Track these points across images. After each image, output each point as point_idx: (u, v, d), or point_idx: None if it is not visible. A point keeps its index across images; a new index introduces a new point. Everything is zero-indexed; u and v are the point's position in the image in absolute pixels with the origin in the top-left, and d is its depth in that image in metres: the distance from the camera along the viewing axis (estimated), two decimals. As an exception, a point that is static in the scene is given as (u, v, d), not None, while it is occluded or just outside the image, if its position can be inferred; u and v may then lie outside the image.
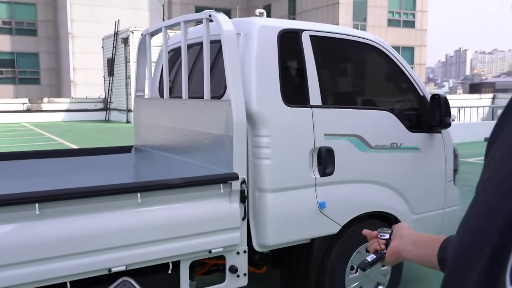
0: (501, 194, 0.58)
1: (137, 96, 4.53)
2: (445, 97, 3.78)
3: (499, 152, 0.64)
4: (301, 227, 3.29)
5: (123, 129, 20.66)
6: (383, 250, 1.29)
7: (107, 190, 2.63)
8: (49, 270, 2.42)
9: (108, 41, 26.88)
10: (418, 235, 1.24)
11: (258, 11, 3.89)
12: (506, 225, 0.55)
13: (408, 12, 35.94)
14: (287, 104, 3.21)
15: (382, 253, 1.29)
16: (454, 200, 4.17)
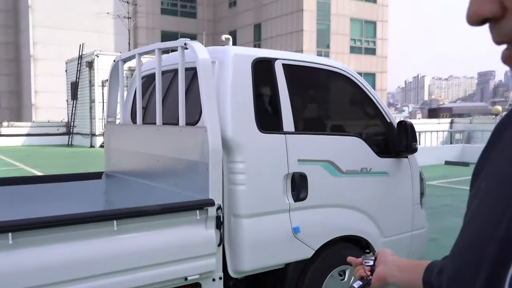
0: (491, 222, 0.63)
1: (108, 122, 4.50)
2: (411, 123, 3.94)
3: (485, 183, 0.70)
4: (276, 252, 3.32)
5: (87, 154, 20.27)
6: (369, 276, 1.34)
7: (83, 218, 2.60)
8: (21, 301, 2.36)
9: (72, 64, 26.56)
10: (401, 260, 1.28)
11: (224, 36, 3.98)
12: (499, 252, 0.60)
13: (369, 40, 37.18)
14: (262, 131, 3.28)
15: (368, 280, 1.34)
16: (422, 223, 4.31)
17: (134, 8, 36.48)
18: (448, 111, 60.24)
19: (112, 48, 34.75)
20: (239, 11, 40.20)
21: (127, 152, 4.17)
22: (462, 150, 17.72)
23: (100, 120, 23.87)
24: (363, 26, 36.77)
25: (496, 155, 0.70)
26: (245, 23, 39.58)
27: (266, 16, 37.26)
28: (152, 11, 40.13)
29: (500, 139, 0.72)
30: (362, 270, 1.36)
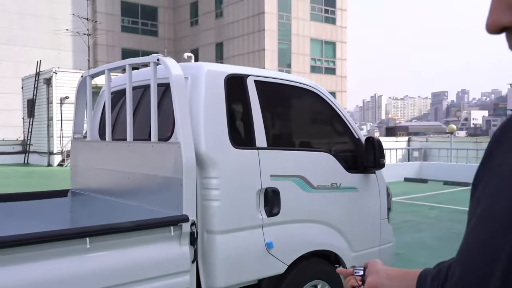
0: (503, 223, 0.67)
1: (75, 138, 4.40)
2: (379, 139, 4.05)
3: (493, 184, 0.73)
4: (250, 268, 3.31)
5: (45, 173, 19.63)
6: (360, 286, 1.36)
7: (55, 236, 2.52)
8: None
9: (29, 81, 25.84)
10: (392, 269, 1.31)
11: (187, 55, 3.98)
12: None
13: (329, 60, 38.04)
14: (235, 146, 3.29)
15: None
16: (389, 237, 4.40)
17: (94, 25, 36.00)
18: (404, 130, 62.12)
19: (71, 65, 34.05)
20: (201, 30, 40.35)
21: (95, 169, 4.09)
22: (420, 167, 18.25)
23: (58, 138, 23.24)
24: (323, 46, 37.62)
25: (502, 155, 0.74)
26: (207, 41, 39.74)
27: (228, 35, 37.57)
28: (112, 29, 39.70)
29: (500, 145, 0.76)
30: (353, 280, 1.38)
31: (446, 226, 9.11)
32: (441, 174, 16.94)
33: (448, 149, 21.35)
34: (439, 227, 9.07)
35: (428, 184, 16.23)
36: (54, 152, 23.44)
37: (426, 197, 13.23)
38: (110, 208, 3.74)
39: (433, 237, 8.10)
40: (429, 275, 1.12)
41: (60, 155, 23.48)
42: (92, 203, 4.05)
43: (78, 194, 4.28)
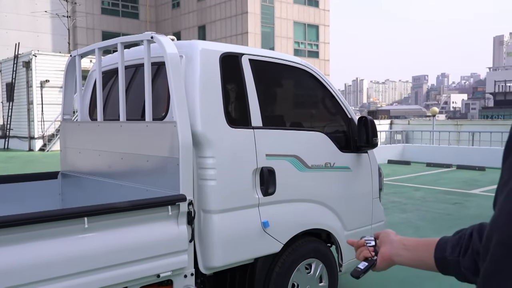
0: None
1: (64, 119, 4.32)
2: (372, 119, 4.07)
3: None
4: (246, 247, 3.32)
5: (26, 158, 19.32)
6: (374, 256, 1.32)
7: (52, 216, 2.48)
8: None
9: (7, 64, 25.26)
10: (408, 239, 1.27)
11: (169, 37, 3.93)
12: None
13: (312, 43, 37.96)
14: (231, 126, 3.27)
15: (373, 260, 1.32)
16: (380, 216, 4.45)
17: (73, 7, 35.22)
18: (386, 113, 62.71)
19: (50, 48, 33.35)
20: (183, 13, 39.82)
21: (86, 150, 4.02)
22: (403, 150, 18.46)
23: (39, 122, 22.85)
24: (306, 30, 37.50)
25: None
26: (189, 24, 39.26)
27: (210, 18, 37.16)
28: (92, 11, 38.91)
29: None
30: (366, 251, 1.35)
31: (430, 206, 9.27)
32: (423, 156, 17.17)
33: (431, 132, 21.61)
34: (424, 207, 9.22)
35: (411, 166, 16.45)
36: (35, 137, 23.06)
37: (410, 178, 13.41)
38: (103, 189, 3.69)
39: (419, 217, 8.23)
40: (448, 243, 1.11)
41: (42, 139, 23.11)
42: (84, 185, 3.99)
43: (68, 176, 4.21)
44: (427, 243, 1.19)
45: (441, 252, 1.12)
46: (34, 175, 4.30)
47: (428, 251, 1.16)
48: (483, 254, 0.80)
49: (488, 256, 0.75)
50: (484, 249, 0.79)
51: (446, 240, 1.14)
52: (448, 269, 1.11)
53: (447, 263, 1.10)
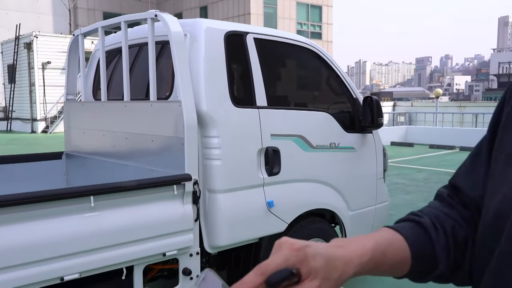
0: None
1: (68, 100, 4.30)
2: (377, 99, 4.04)
3: None
4: (251, 227, 3.33)
5: (29, 140, 19.35)
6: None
7: (59, 194, 2.48)
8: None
9: (8, 46, 25.10)
10: (352, 253, 0.76)
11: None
12: None
13: (315, 24, 37.61)
14: (235, 105, 3.25)
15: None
16: (385, 196, 4.45)
17: (74, -12, 34.87)
18: (389, 95, 62.46)
19: (51, 29, 33.12)
20: (185, -7, 39.40)
21: (91, 130, 4.01)
22: (406, 131, 18.43)
23: (41, 104, 22.82)
24: (309, 10, 37.10)
25: None
26: (190, 5, 38.88)
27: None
28: (93, -9, 38.50)
29: None
30: None
31: (433, 188, 9.27)
32: (426, 138, 17.14)
33: (434, 113, 21.53)
34: (427, 188, 9.23)
35: (415, 148, 16.43)
36: (37, 119, 23.05)
37: (413, 160, 13.41)
38: (108, 169, 3.69)
39: (422, 199, 8.25)
40: (420, 234, 0.85)
41: (44, 121, 23.11)
42: (88, 165, 3.99)
43: (73, 156, 4.21)
44: (380, 245, 0.80)
45: (421, 245, 0.84)
46: (39, 155, 4.30)
47: (395, 253, 0.82)
48: (490, 237, 0.76)
49: (503, 236, 0.70)
50: (492, 231, 0.73)
51: (411, 233, 0.85)
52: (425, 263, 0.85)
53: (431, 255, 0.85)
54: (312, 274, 0.67)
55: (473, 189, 0.86)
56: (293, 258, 0.66)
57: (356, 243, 0.76)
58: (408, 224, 0.86)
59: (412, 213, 0.89)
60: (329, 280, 0.69)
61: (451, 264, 0.83)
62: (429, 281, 0.87)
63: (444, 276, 0.84)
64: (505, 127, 0.80)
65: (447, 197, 0.90)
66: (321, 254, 0.69)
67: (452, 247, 0.83)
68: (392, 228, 0.84)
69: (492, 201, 0.75)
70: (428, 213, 0.88)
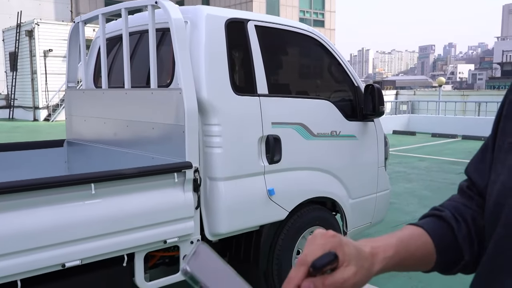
0: None
1: (69, 87, 4.29)
2: (379, 87, 4.02)
3: None
4: (252, 214, 3.34)
5: (31, 128, 19.39)
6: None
7: (60, 181, 2.49)
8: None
9: (10, 33, 25.03)
10: (381, 246, 0.80)
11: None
12: None
13: (318, 12, 37.37)
14: (236, 93, 3.24)
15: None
16: (385, 185, 4.45)
17: (75, -25, 34.65)
18: (391, 84, 62.22)
19: (52, 16, 32.98)
20: (187, -20, 39.13)
21: (92, 118, 4.01)
22: (408, 120, 18.38)
23: (43, 92, 22.81)
24: (312, -2, 36.85)
25: None
26: (192, -8, 38.65)
27: (215, -14, 36.53)
28: (94, -22, 38.26)
29: None
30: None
31: (435, 176, 9.28)
32: (429, 127, 17.10)
33: (437, 102, 21.46)
34: (429, 177, 9.23)
35: (417, 136, 16.40)
36: (39, 107, 23.05)
37: (415, 149, 13.40)
38: (109, 157, 3.70)
39: (423, 187, 8.25)
40: (444, 226, 0.87)
41: (46, 109, 23.12)
42: (89, 153, 4.00)
43: (74, 144, 4.22)
44: (406, 240, 0.84)
45: (447, 239, 0.87)
46: (40, 143, 4.31)
47: (420, 248, 0.85)
48: (491, 222, 0.77)
49: (500, 221, 0.73)
50: (493, 216, 0.77)
51: (436, 226, 0.88)
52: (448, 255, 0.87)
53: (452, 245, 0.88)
54: (347, 260, 0.70)
55: (482, 179, 0.88)
56: (329, 244, 0.69)
57: (379, 240, 0.80)
58: (430, 219, 0.90)
59: (433, 208, 0.93)
60: (363, 269, 0.71)
61: (475, 253, 0.86)
62: (457, 273, 0.89)
63: (469, 266, 0.87)
64: (507, 115, 0.81)
65: (466, 189, 0.94)
66: (352, 243, 0.73)
67: (474, 237, 0.86)
68: (414, 225, 0.88)
69: (493, 189, 0.76)
70: (448, 206, 0.91)
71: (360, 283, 0.71)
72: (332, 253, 0.69)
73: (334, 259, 0.69)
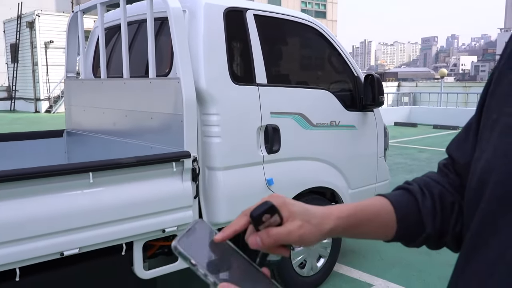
0: None
1: (68, 77, 4.29)
2: (378, 77, 4.01)
3: None
4: (250, 204, 3.31)
5: (33, 119, 19.40)
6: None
7: (58, 170, 2.49)
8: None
9: (11, 24, 24.95)
10: (336, 209, 0.82)
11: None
12: None
13: (319, 3, 37.18)
14: (235, 82, 3.23)
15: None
16: (385, 175, 4.45)
17: (76, -34, 34.49)
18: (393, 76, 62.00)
19: (53, 7, 32.87)
20: (188, -29, 38.94)
21: (91, 108, 4.01)
22: (410, 112, 18.34)
23: (44, 84, 22.79)
24: (314, -11, 36.68)
25: None
26: (194, -16, 38.47)
27: (216, -23, 36.34)
28: (95, -30, 38.09)
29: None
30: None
31: (435, 168, 9.24)
32: (430, 118, 17.07)
33: (439, 93, 21.40)
34: (430, 168, 9.17)
35: (418, 128, 16.38)
36: (41, 98, 23.05)
37: (416, 140, 13.38)
38: (108, 147, 3.70)
39: (424, 178, 8.24)
40: (410, 201, 0.87)
41: (48, 101, 23.12)
42: (89, 143, 4.00)
43: (74, 134, 4.22)
44: (367, 208, 0.86)
45: (409, 211, 0.86)
46: (40, 133, 4.31)
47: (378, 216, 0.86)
48: (474, 199, 0.77)
49: (484, 197, 0.72)
50: (477, 193, 0.76)
51: (403, 199, 0.88)
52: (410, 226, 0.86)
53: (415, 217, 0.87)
54: (292, 216, 0.73)
55: (463, 157, 0.88)
56: (274, 201, 0.74)
57: (337, 205, 0.83)
58: (397, 191, 0.92)
59: (405, 182, 0.95)
60: (309, 224, 0.74)
61: (437, 228, 0.87)
62: (420, 246, 0.91)
63: (431, 239, 0.88)
64: (492, 92, 0.80)
65: (443, 166, 0.96)
66: (300, 204, 0.76)
67: (439, 211, 0.87)
68: (380, 195, 0.90)
69: (477, 166, 0.76)
70: (418, 181, 0.94)
71: (307, 236, 0.74)
72: (268, 202, 0.72)
73: (270, 208, 0.72)
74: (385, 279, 4.12)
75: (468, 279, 0.73)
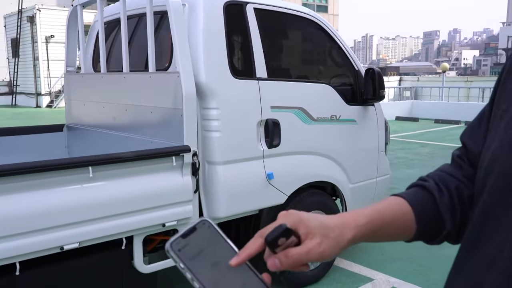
0: None
1: (68, 72, 4.28)
2: (379, 71, 3.99)
3: None
4: (251, 198, 3.34)
5: (34, 114, 19.42)
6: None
7: (58, 164, 2.49)
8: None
9: (12, 19, 24.92)
10: (355, 216, 0.79)
11: None
12: None
13: (321, -3, 37.06)
14: (235, 76, 3.22)
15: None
16: (386, 169, 4.44)
17: (77, -40, 34.39)
18: (395, 70, 61.91)
19: (54, 2, 32.81)
20: (189, -35, 38.81)
21: (91, 102, 4.01)
22: (411, 106, 18.30)
23: (45, 78, 22.78)
24: (315, -17, 36.54)
25: None
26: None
27: (217, -29, 36.23)
28: (96, -36, 37.99)
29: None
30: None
31: (437, 162, 9.24)
32: (432, 113, 17.03)
33: (440, 88, 21.34)
34: (431, 163, 9.21)
35: (420, 123, 16.35)
36: (42, 93, 23.05)
37: (417, 135, 13.36)
38: (108, 141, 3.70)
39: (425, 173, 8.14)
40: (427, 197, 0.86)
41: (49, 96, 23.12)
42: (89, 137, 4.00)
43: (74, 128, 4.22)
44: (386, 211, 0.84)
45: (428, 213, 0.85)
46: (40, 127, 4.31)
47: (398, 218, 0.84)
48: (480, 188, 0.77)
49: (486, 188, 0.72)
50: (481, 182, 0.76)
51: (419, 197, 0.87)
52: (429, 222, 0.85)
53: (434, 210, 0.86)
54: (311, 233, 0.70)
55: (475, 145, 0.87)
56: (289, 221, 0.70)
57: (352, 211, 0.80)
58: (413, 189, 0.90)
59: (419, 178, 0.93)
60: (328, 239, 0.72)
61: (457, 223, 0.85)
62: (441, 243, 0.90)
63: (452, 236, 0.87)
64: (503, 82, 0.80)
65: (457, 158, 0.94)
66: (316, 218, 0.73)
67: (457, 206, 0.85)
68: (396, 195, 0.87)
69: (485, 156, 0.76)
70: (434, 176, 0.92)
71: (327, 252, 0.71)
72: (282, 225, 0.69)
73: (286, 231, 0.68)
74: (386, 273, 4.12)
75: (468, 271, 0.72)
